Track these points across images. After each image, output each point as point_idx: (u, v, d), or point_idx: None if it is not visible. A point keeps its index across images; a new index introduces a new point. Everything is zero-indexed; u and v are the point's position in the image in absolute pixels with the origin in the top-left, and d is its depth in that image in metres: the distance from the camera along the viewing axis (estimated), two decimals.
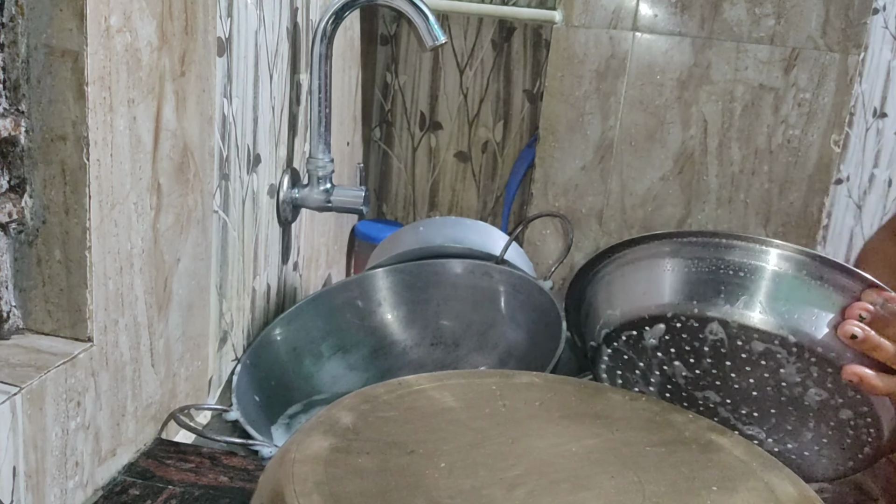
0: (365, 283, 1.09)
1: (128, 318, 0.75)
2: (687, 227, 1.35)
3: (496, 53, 1.45)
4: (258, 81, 0.96)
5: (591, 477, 0.58)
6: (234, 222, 0.94)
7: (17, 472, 0.62)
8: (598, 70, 1.32)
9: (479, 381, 0.71)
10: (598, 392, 0.72)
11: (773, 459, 0.63)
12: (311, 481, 0.54)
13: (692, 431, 0.66)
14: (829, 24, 1.23)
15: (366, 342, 1.08)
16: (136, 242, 0.74)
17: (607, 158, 1.36)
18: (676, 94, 1.31)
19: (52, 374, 0.65)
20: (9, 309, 0.69)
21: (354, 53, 1.36)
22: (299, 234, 1.18)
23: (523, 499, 0.55)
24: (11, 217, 0.67)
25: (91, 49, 0.64)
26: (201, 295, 0.89)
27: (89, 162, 0.66)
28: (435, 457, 0.59)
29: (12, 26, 0.64)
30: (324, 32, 1.00)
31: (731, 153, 1.31)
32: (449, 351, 1.08)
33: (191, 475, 0.77)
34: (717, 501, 0.56)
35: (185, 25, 0.77)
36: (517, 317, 1.05)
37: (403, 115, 1.52)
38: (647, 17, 1.29)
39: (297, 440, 0.59)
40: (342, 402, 0.65)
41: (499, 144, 1.49)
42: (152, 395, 0.82)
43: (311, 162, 1.07)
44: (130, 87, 0.70)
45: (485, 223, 1.21)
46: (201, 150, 0.84)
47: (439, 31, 0.97)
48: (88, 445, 0.72)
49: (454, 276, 1.09)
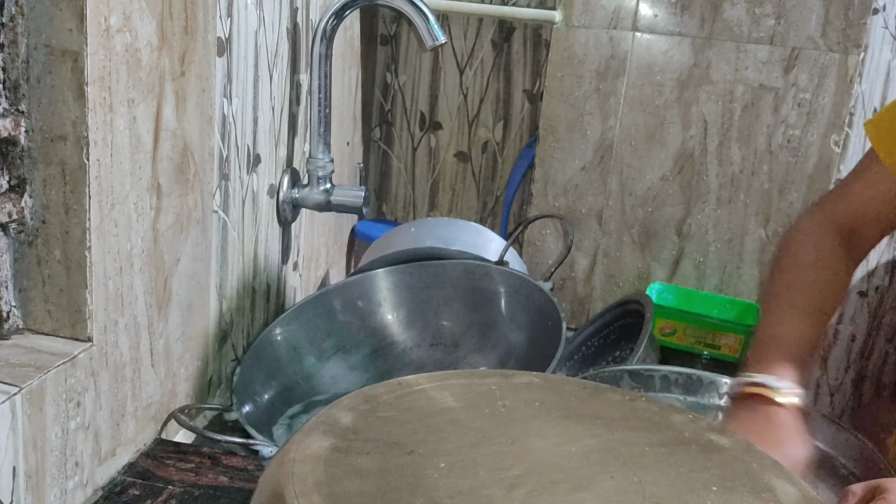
0: (365, 283, 1.09)
1: (128, 318, 0.75)
2: (686, 227, 1.35)
3: (496, 53, 1.45)
4: (258, 81, 0.96)
5: (591, 477, 0.58)
6: (234, 222, 0.94)
7: (17, 472, 0.62)
8: (598, 70, 1.32)
9: (478, 382, 0.71)
10: (598, 392, 0.72)
11: (772, 459, 0.63)
12: (311, 481, 0.54)
13: (692, 431, 0.66)
14: (829, 24, 1.23)
15: (366, 342, 1.08)
16: (136, 242, 0.74)
17: (607, 158, 1.36)
18: (676, 95, 1.31)
19: (52, 374, 0.65)
20: (9, 309, 0.69)
21: (354, 53, 1.36)
22: (299, 234, 1.18)
23: (523, 499, 0.55)
24: (11, 217, 0.67)
25: (91, 49, 0.64)
26: (201, 295, 0.89)
27: (89, 162, 0.66)
28: (435, 457, 0.59)
29: (12, 26, 0.64)
30: (324, 32, 1.00)
31: (731, 153, 1.31)
32: (449, 352, 1.08)
33: (191, 475, 0.77)
34: (717, 501, 0.56)
35: (185, 25, 0.77)
36: (517, 318, 1.05)
37: (403, 115, 1.52)
38: (647, 17, 1.29)
39: (297, 440, 0.59)
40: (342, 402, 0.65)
41: (499, 144, 1.49)
42: (152, 395, 0.82)
43: (311, 162, 1.07)
44: (130, 87, 0.70)
45: (478, 224, 1.21)
46: (201, 150, 0.84)
47: (439, 31, 0.97)
48: (88, 445, 0.72)
49: (454, 277, 1.09)
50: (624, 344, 1.15)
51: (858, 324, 1.49)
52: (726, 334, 1.22)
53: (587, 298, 1.42)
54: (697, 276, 1.37)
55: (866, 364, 1.51)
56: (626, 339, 1.15)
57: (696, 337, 1.23)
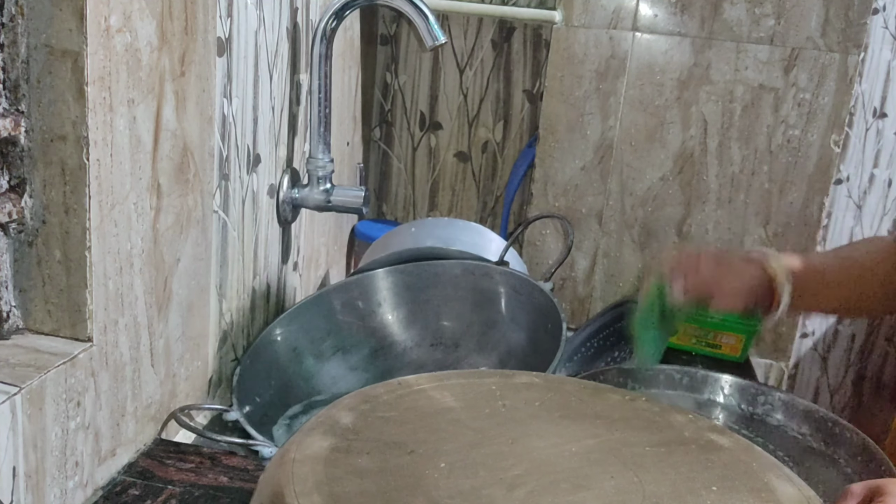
0: (365, 283, 1.09)
1: (128, 318, 0.75)
2: (686, 227, 1.35)
3: (496, 53, 1.45)
4: (258, 81, 0.96)
5: (591, 477, 0.58)
6: (234, 222, 0.94)
7: (16, 472, 0.62)
8: (598, 70, 1.32)
9: (478, 382, 0.71)
10: (597, 392, 0.72)
11: (773, 459, 0.63)
12: (311, 481, 0.54)
13: (692, 431, 0.66)
14: (829, 24, 1.23)
15: (366, 343, 1.08)
16: (136, 242, 0.74)
17: (607, 158, 1.36)
18: (676, 94, 1.31)
19: (52, 374, 0.65)
20: (9, 309, 0.69)
21: (354, 53, 1.36)
22: (299, 234, 1.18)
23: (523, 499, 0.55)
24: (11, 217, 0.67)
25: (91, 49, 0.64)
26: (201, 295, 0.89)
27: (89, 162, 0.66)
28: (435, 457, 0.59)
29: (12, 26, 0.64)
30: (324, 32, 1.00)
31: (731, 153, 1.31)
32: (449, 352, 1.08)
33: (191, 475, 0.77)
34: (717, 501, 0.56)
35: (185, 25, 0.77)
36: (517, 318, 1.05)
37: (403, 115, 1.52)
38: (647, 17, 1.29)
39: (297, 440, 0.59)
40: (342, 402, 0.65)
41: (499, 144, 1.49)
42: (152, 395, 0.82)
43: (311, 162, 1.07)
44: (130, 87, 0.70)
45: (478, 224, 1.21)
46: (201, 150, 0.84)
47: (439, 31, 0.97)
48: (88, 445, 0.72)
49: (454, 277, 1.09)
50: (623, 344, 1.15)
51: (858, 324, 1.49)
52: (727, 333, 1.22)
53: (587, 298, 1.43)
54: None
55: (866, 364, 1.51)
56: (625, 340, 1.15)
57: (697, 336, 1.23)
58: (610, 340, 1.18)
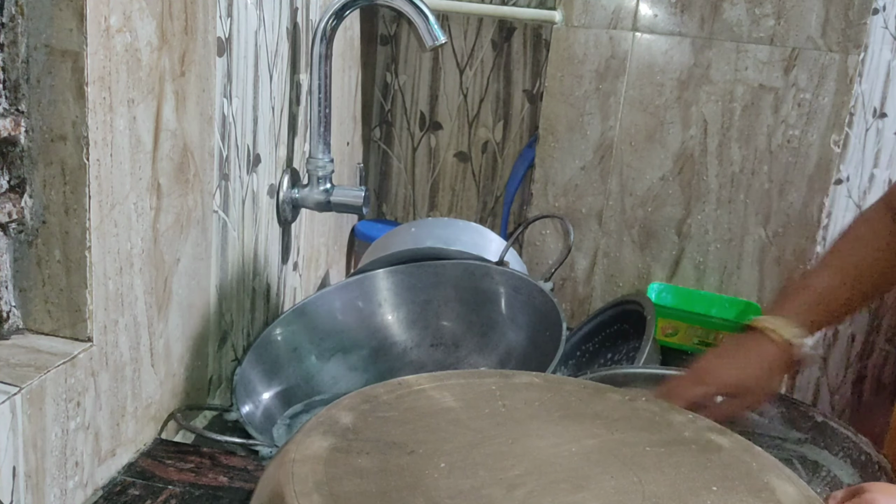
0: (365, 283, 1.09)
1: (128, 318, 0.75)
2: (686, 227, 1.35)
3: (496, 53, 1.45)
4: (258, 81, 0.96)
5: (591, 477, 0.58)
6: (234, 222, 0.94)
7: (16, 472, 0.62)
8: (598, 70, 1.32)
9: (478, 382, 0.71)
10: (597, 392, 0.72)
11: (773, 459, 0.63)
12: (311, 481, 0.54)
13: (692, 431, 0.66)
14: (829, 24, 1.23)
15: (366, 343, 1.08)
16: (136, 242, 0.74)
17: (607, 158, 1.36)
18: (676, 94, 1.31)
19: (52, 374, 0.65)
20: (9, 309, 0.69)
21: (354, 53, 1.36)
22: (299, 234, 1.18)
23: (523, 499, 0.55)
24: (11, 217, 0.67)
25: (91, 49, 0.64)
26: (201, 295, 0.89)
27: (89, 162, 0.66)
28: (435, 457, 0.59)
29: (12, 26, 0.64)
30: (324, 32, 1.00)
31: (731, 153, 1.31)
32: (449, 352, 1.08)
33: (191, 475, 0.77)
34: (717, 501, 0.56)
35: (185, 25, 0.77)
36: (517, 318, 1.05)
37: (403, 115, 1.52)
38: (647, 17, 1.29)
39: (297, 440, 0.59)
40: (342, 402, 0.65)
41: (499, 144, 1.49)
42: (152, 395, 0.82)
43: (310, 162, 1.07)
44: (130, 87, 0.70)
45: (478, 224, 1.21)
46: (201, 150, 0.84)
47: (439, 31, 0.97)
48: (88, 445, 0.72)
49: (455, 278, 1.09)
50: (621, 343, 1.15)
51: (858, 324, 1.49)
52: (727, 334, 1.22)
53: (587, 298, 1.42)
54: (697, 276, 1.37)
55: (866, 364, 1.51)
56: (623, 340, 1.15)
57: (699, 337, 1.23)
58: (609, 342, 1.18)
